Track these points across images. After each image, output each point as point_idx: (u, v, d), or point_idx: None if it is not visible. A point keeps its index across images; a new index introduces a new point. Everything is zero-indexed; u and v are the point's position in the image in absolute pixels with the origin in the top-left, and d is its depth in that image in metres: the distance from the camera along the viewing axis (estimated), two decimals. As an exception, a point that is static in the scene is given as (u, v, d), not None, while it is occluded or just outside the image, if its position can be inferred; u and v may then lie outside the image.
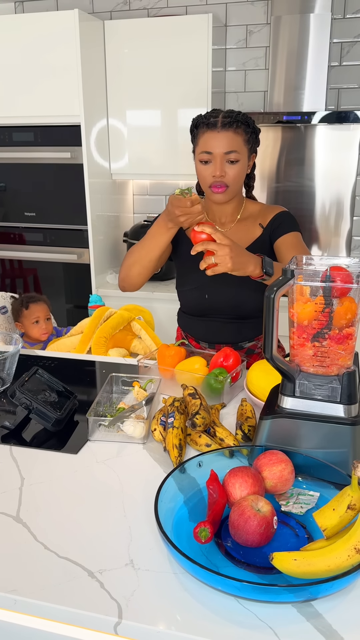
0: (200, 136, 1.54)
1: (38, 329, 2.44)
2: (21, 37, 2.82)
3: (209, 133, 1.51)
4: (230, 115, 1.51)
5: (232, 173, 1.53)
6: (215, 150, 1.51)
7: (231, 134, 1.50)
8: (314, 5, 2.70)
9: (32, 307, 2.43)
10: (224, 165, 1.52)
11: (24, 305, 2.44)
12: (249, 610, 0.80)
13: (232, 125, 1.50)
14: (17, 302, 2.47)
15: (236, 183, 1.56)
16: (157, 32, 2.88)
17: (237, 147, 1.51)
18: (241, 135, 1.52)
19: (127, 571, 0.87)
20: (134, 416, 1.27)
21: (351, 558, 0.79)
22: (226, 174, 1.52)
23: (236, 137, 1.51)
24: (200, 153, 1.54)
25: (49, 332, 2.49)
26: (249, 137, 1.54)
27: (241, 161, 1.53)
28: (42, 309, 2.46)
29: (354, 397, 1.06)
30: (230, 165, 1.52)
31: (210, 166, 1.53)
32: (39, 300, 2.48)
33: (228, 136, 1.50)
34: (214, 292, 1.66)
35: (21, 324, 2.46)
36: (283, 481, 0.99)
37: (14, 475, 1.12)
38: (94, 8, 3.27)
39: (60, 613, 0.82)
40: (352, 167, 3.08)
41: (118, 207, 3.36)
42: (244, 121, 1.52)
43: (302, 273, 1.04)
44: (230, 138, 1.50)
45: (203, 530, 0.86)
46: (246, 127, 1.53)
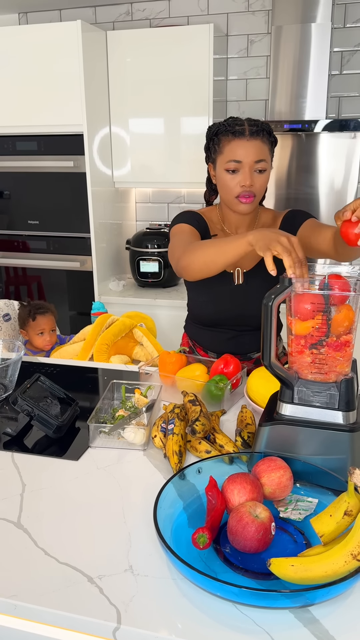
0: (226, 144, 1.50)
1: (42, 340, 2.45)
2: (25, 47, 2.85)
3: (237, 141, 1.48)
4: (257, 124, 1.49)
5: (260, 182, 1.50)
6: (245, 159, 1.47)
7: (259, 142, 1.47)
8: (315, 15, 2.72)
9: (39, 319, 2.43)
10: (253, 175, 1.49)
11: (31, 316, 2.43)
12: (246, 616, 0.80)
13: (259, 134, 1.47)
14: (25, 311, 2.46)
15: (262, 193, 1.54)
16: (159, 42, 2.91)
17: (265, 156, 1.49)
18: (267, 145, 1.50)
19: (126, 577, 0.88)
20: (134, 423, 1.28)
21: (348, 564, 0.80)
22: (254, 183, 1.49)
23: (264, 146, 1.49)
24: (228, 162, 1.49)
25: (52, 343, 2.50)
26: (271, 147, 1.53)
27: (267, 170, 1.51)
28: (49, 321, 2.46)
29: (352, 403, 1.07)
30: (258, 175, 1.49)
31: (237, 175, 1.49)
32: (46, 312, 2.46)
33: (257, 145, 1.47)
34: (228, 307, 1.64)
35: (26, 332, 2.47)
36: (282, 487, 1.00)
37: (15, 482, 1.13)
38: (97, 19, 3.31)
39: (59, 618, 0.83)
40: (354, 174, 3.09)
41: (121, 214, 3.38)
42: (268, 130, 1.51)
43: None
44: (259, 147, 1.47)
45: (201, 536, 0.87)
46: (269, 137, 1.51)
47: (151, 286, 3.23)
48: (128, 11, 3.24)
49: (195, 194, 3.36)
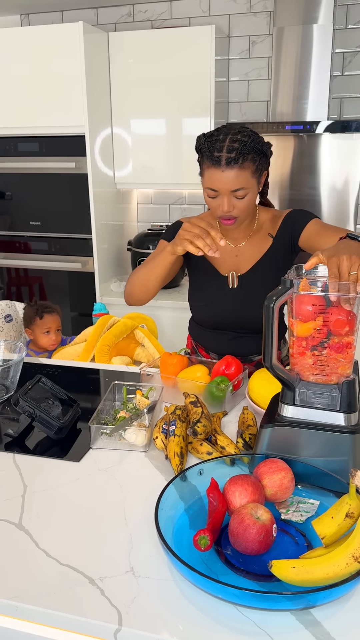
0: (205, 170, 1.45)
1: (48, 339, 2.47)
2: (27, 48, 2.86)
3: (213, 170, 1.42)
4: (235, 149, 1.39)
5: (240, 207, 1.46)
6: (221, 188, 1.43)
7: (236, 171, 1.40)
8: (317, 17, 2.72)
9: (46, 318, 2.46)
10: (232, 200, 1.45)
11: (39, 315, 2.46)
12: (248, 618, 0.80)
13: (237, 161, 1.39)
14: (32, 310, 2.49)
15: (246, 213, 1.50)
16: (160, 43, 2.92)
17: (243, 184, 1.42)
18: (248, 169, 1.42)
19: (127, 578, 0.88)
20: (135, 424, 1.28)
21: (349, 566, 0.80)
22: (234, 207, 1.46)
23: (242, 173, 1.41)
24: (206, 188, 1.47)
25: (57, 342, 2.51)
26: (257, 166, 1.44)
27: (250, 193, 1.45)
28: (55, 320, 2.49)
29: (354, 405, 1.06)
30: (238, 201, 1.45)
31: (217, 200, 1.46)
32: (53, 311, 2.50)
33: (233, 175, 1.40)
34: (223, 310, 1.64)
35: (31, 331, 2.49)
36: (283, 489, 1.00)
37: (16, 483, 1.13)
38: (99, 20, 3.31)
39: (61, 620, 0.83)
40: (356, 175, 3.09)
41: (122, 216, 3.38)
42: (251, 151, 1.41)
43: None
44: (235, 176, 1.40)
45: (203, 538, 0.87)
46: (254, 156, 1.42)
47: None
48: (130, 12, 3.24)
49: (196, 195, 3.36)
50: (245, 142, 1.41)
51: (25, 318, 2.51)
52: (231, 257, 1.64)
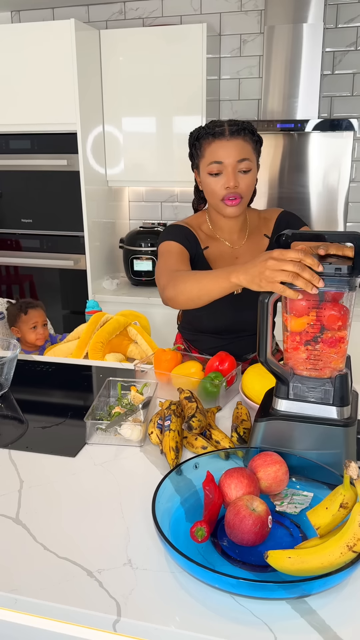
0: (207, 147, 1.46)
1: (35, 334, 2.47)
2: (18, 46, 2.85)
3: (217, 142, 1.44)
4: (237, 123, 1.45)
5: (245, 183, 1.46)
6: (226, 160, 1.43)
7: (241, 141, 1.43)
8: (307, 15, 2.74)
9: (31, 313, 2.46)
10: (237, 175, 1.45)
11: (23, 311, 2.46)
12: (244, 607, 0.82)
13: (240, 133, 1.43)
14: (15, 308, 2.49)
15: (249, 194, 1.49)
16: (152, 41, 2.92)
17: (248, 155, 1.44)
18: (250, 144, 1.46)
19: (125, 570, 0.89)
20: (131, 420, 1.29)
21: (344, 555, 0.81)
22: (239, 184, 1.45)
23: (246, 144, 1.44)
24: (210, 164, 1.45)
25: (45, 337, 2.51)
26: (255, 146, 1.49)
27: (252, 170, 1.47)
28: (40, 315, 2.50)
29: (347, 399, 1.08)
30: (243, 175, 1.45)
31: (221, 178, 1.45)
32: (36, 306, 2.51)
33: (238, 144, 1.43)
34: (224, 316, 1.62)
35: (18, 329, 2.48)
36: (277, 482, 1.01)
37: (13, 478, 1.14)
38: (90, 17, 3.31)
39: (60, 612, 0.83)
40: (345, 174, 3.12)
41: (114, 213, 3.38)
42: (250, 129, 1.47)
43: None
44: (240, 146, 1.43)
45: (200, 529, 0.88)
46: (252, 136, 1.47)
47: (145, 285, 3.24)
48: (121, 10, 3.24)
49: (188, 193, 3.37)
50: (243, 121, 1.47)
51: (9, 317, 2.51)
52: (231, 259, 1.62)
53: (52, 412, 1.44)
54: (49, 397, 1.56)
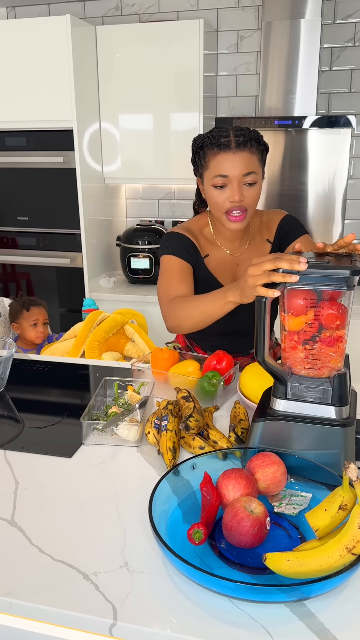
0: (211, 158, 1.42)
1: (35, 331, 2.47)
2: (13, 42, 2.83)
3: (222, 155, 1.39)
4: (243, 134, 1.39)
5: (250, 196, 1.42)
6: (231, 173, 1.39)
7: (247, 154, 1.39)
8: (304, 11, 2.72)
9: (33, 310, 2.47)
10: (242, 189, 1.41)
11: (25, 307, 2.47)
12: (242, 611, 0.81)
13: (246, 144, 1.39)
14: (18, 304, 2.50)
15: (254, 206, 1.46)
16: (148, 37, 2.90)
17: (254, 168, 1.40)
18: (256, 155, 1.41)
19: (121, 573, 0.88)
20: (127, 420, 1.28)
21: (343, 558, 0.80)
22: (244, 197, 1.41)
23: (252, 157, 1.40)
24: (215, 177, 1.41)
25: (45, 336, 2.51)
26: (261, 156, 1.44)
27: (258, 182, 1.43)
28: (42, 313, 2.51)
29: (345, 399, 1.07)
30: (248, 188, 1.41)
31: (225, 191, 1.41)
32: (39, 304, 2.53)
33: (244, 157, 1.39)
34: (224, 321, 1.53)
35: (18, 325, 2.48)
36: (276, 482, 1.00)
37: (8, 479, 1.13)
38: (86, 13, 3.29)
39: (55, 615, 0.82)
40: (343, 170, 3.10)
41: (111, 211, 3.37)
42: (257, 139, 1.42)
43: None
44: (246, 159, 1.39)
45: (197, 531, 0.87)
46: (259, 145, 1.42)
47: (142, 283, 3.22)
48: (117, 6, 3.22)
49: (185, 190, 3.36)
50: (249, 130, 1.42)
51: (11, 312, 2.51)
52: (232, 267, 1.61)
53: (48, 412, 1.43)
54: (45, 396, 1.55)
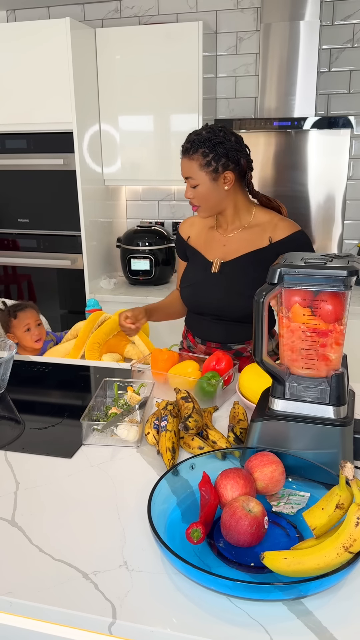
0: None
1: (30, 335, 2.41)
2: (13, 45, 2.84)
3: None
4: (190, 141, 1.57)
5: (195, 196, 1.62)
6: (181, 174, 1.63)
7: (186, 160, 1.59)
8: (303, 13, 2.73)
9: (20, 315, 2.39)
10: (189, 189, 1.62)
11: (12, 315, 2.40)
12: (240, 609, 0.81)
13: (188, 152, 1.57)
14: (4, 314, 2.42)
15: (205, 203, 1.62)
16: (148, 39, 2.91)
17: (191, 174, 1.58)
18: (196, 161, 1.56)
19: (121, 572, 0.88)
20: (127, 420, 1.29)
21: (340, 556, 0.81)
22: (194, 196, 1.62)
23: (190, 163, 1.57)
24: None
25: (42, 337, 2.47)
26: (208, 161, 1.55)
27: (200, 185, 1.58)
28: (31, 315, 2.42)
29: (343, 398, 1.08)
30: (193, 189, 1.61)
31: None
32: (25, 307, 2.43)
33: (184, 163, 1.59)
34: (204, 293, 1.72)
35: (13, 335, 2.43)
36: (274, 482, 1.01)
37: (8, 480, 1.13)
38: (85, 16, 3.30)
39: (55, 614, 0.83)
40: (343, 171, 3.11)
41: (111, 212, 3.38)
42: (202, 145, 1.54)
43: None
44: (186, 165, 1.59)
45: (195, 531, 0.88)
46: (205, 151, 1.54)
47: (142, 284, 3.23)
48: (117, 8, 3.23)
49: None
50: (202, 136, 1.56)
51: (2, 325, 2.45)
52: (219, 246, 1.73)
53: (49, 413, 1.44)
54: (46, 397, 1.56)
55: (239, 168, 1.60)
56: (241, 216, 1.68)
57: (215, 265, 1.69)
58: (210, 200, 1.62)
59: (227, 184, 1.59)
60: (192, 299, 1.76)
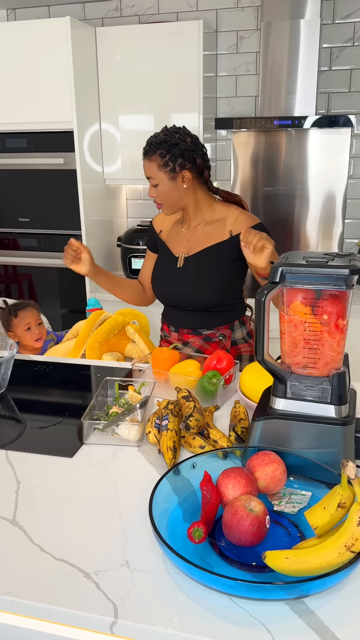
0: None
1: (31, 335, 2.42)
2: (13, 44, 2.84)
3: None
4: (149, 143, 1.66)
5: (156, 194, 1.70)
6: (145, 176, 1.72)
7: (146, 162, 1.68)
8: (304, 11, 2.73)
9: (20, 314, 2.40)
10: (151, 189, 1.70)
11: (13, 314, 2.40)
12: (242, 609, 0.81)
13: (147, 154, 1.67)
14: (5, 313, 2.43)
15: (166, 201, 1.71)
16: (148, 38, 2.91)
17: (151, 174, 1.67)
18: (155, 162, 1.65)
19: (122, 572, 0.88)
20: (128, 419, 1.28)
21: (342, 555, 0.81)
22: (156, 194, 1.70)
23: (149, 164, 1.67)
24: None
25: (42, 336, 2.47)
26: (165, 161, 1.64)
27: (160, 184, 1.67)
28: (32, 315, 2.43)
29: (344, 397, 1.08)
30: (154, 188, 1.69)
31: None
32: (26, 306, 2.44)
33: (145, 164, 1.68)
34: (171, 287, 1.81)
35: (13, 334, 2.43)
36: (275, 481, 1.01)
37: (10, 479, 1.13)
38: (86, 15, 3.29)
39: (57, 614, 0.83)
40: (343, 170, 3.11)
41: (111, 212, 3.37)
42: (159, 147, 1.63)
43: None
44: (146, 166, 1.68)
45: (197, 530, 0.88)
46: (162, 152, 1.63)
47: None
48: (117, 7, 3.23)
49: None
50: (159, 138, 1.65)
51: (2, 324, 2.46)
52: (184, 241, 1.81)
53: (50, 412, 1.44)
54: (47, 397, 1.56)
55: (196, 167, 1.68)
56: (203, 212, 1.77)
57: (180, 260, 1.79)
58: (170, 198, 1.71)
59: (185, 182, 1.68)
60: (162, 293, 1.86)
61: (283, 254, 1.16)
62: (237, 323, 1.85)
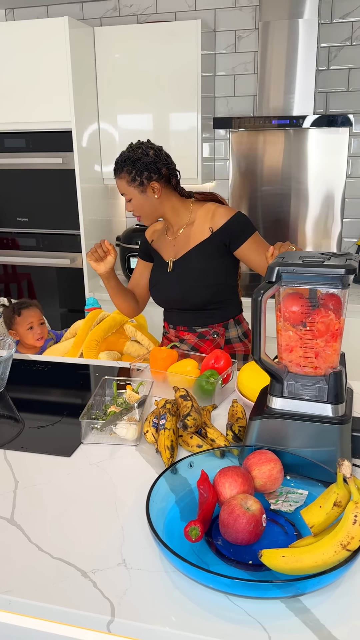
0: None
1: (32, 334, 2.43)
2: (12, 44, 2.84)
3: None
4: (116, 162, 1.73)
5: (133, 208, 1.78)
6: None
7: (117, 180, 1.75)
8: (302, 11, 2.73)
9: (24, 313, 2.42)
10: (127, 203, 1.78)
11: (16, 312, 2.42)
12: (239, 607, 0.81)
13: (116, 173, 1.74)
14: (9, 310, 2.45)
15: (143, 212, 1.78)
16: (146, 37, 2.91)
17: (123, 190, 1.75)
18: (124, 179, 1.72)
19: (119, 570, 0.89)
20: (126, 419, 1.29)
21: (338, 554, 0.81)
22: (133, 208, 1.78)
23: (120, 182, 1.74)
24: None
25: (44, 336, 2.48)
26: (132, 176, 1.70)
27: (134, 198, 1.74)
28: (35, 314, 2.45)
29: (341, 396, 1.08)
30: (129, 203, 1.77)
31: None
32: (30, 305, 2.46)
33: (117, 183, 1.76)
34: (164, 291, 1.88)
35: (15, 332, 2.45)
36: (272, 480, 1.01)
37: (7, 478, 1.14)
38: (84, 15, 3.29)
39: (54, 612, 0.83)
40: (342, 169, 3.11)
41: (110, 211, 3.38)
42: (124, 165, 1.70)
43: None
44: (117, 184, 1.76)
45: (193, 529, 0.88)
46: (128, 168, 1.70)
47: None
48: (115, 7, 3.23)
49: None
50: (123, 156, 1.71)
51: (5, 321, 2.47)
52: (170, 247, 1.87)
53: (48, 412, 1.44)
54: (45, 396, 1.56)
55: (162, 177, 1.73)
56: (181, 216, 1.82)
57: (170, 265, 1.84)
58: (145, 209, 1.78)
59: (156, 192, 1.74)
60: (158, 297, 1.93)
61: (279, 254, 1.16)
62: (232, 322, 1.88)
